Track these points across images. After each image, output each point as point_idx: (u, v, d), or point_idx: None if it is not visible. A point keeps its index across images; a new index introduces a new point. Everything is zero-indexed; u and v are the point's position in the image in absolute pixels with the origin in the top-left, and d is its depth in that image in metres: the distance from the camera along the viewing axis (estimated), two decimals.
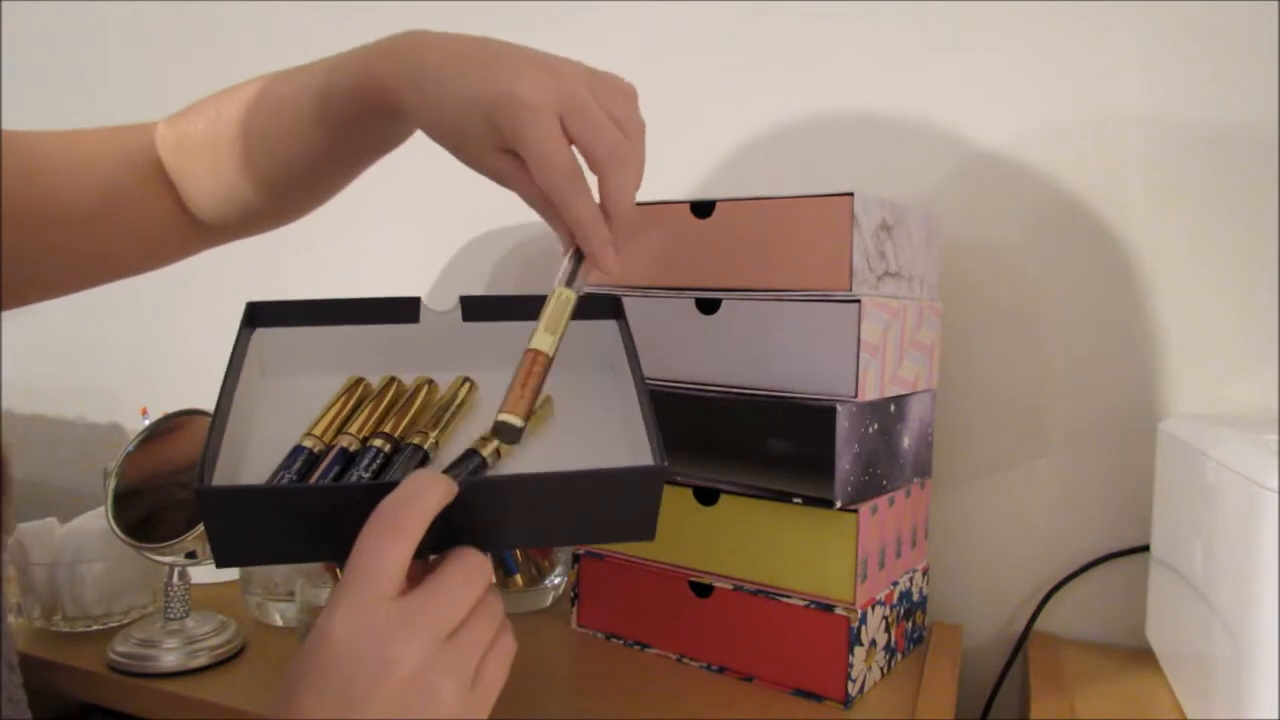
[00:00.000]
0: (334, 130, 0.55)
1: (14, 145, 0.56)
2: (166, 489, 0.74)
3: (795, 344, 0.64)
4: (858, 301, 0.62)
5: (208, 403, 0.75)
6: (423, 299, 0.56)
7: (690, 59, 0.93)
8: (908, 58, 0.84)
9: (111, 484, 0.72)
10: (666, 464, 0.45)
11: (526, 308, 0.56)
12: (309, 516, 0.43)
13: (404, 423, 0.51)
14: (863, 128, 0.86)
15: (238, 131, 0.58)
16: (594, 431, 0.53)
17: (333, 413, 0.51)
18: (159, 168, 0.62)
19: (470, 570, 0.42)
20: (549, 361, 0.47)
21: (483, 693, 0.42)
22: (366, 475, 0.47)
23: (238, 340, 0.52)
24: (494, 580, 0.44)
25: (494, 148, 0.48)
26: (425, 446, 0.49)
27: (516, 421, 0.45)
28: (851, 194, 0.62)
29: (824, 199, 0.63)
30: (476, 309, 0.57)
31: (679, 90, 0.93)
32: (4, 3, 1.35)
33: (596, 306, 0.56)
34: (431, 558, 0.44)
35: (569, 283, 0.49)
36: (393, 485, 0.41)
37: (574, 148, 0.48)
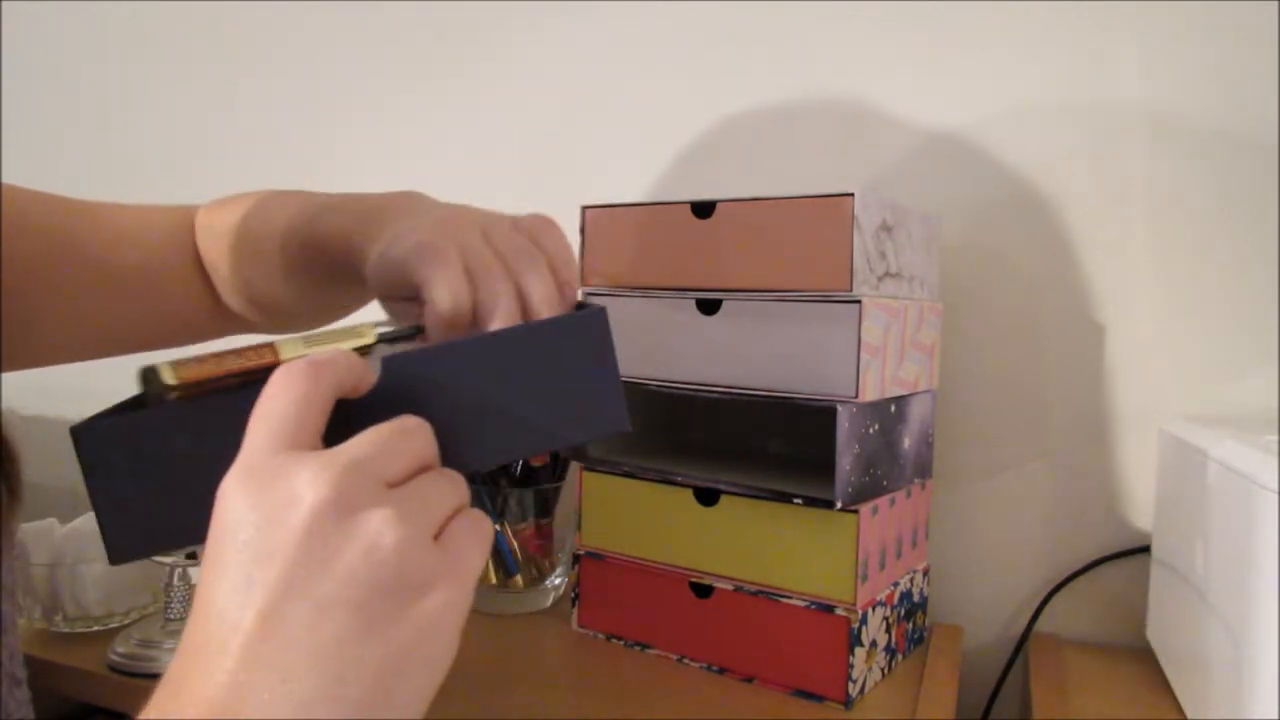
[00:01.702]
0: (299, 274, 0.56)
1: (67, 209, 0.58)
2: None
3: (796, 344, 0.64)
4: (858, 302, 0.62)
5: None
6: None
7: (691, 59, 0.93)
8: (909, 59, 0.84)
9: None
10: (604, 308, 0.40)
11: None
12: (207, 451, 0.34)
13: None
14: (864, 128, 0.86)
15: (234, 243, 0.60)
16: None
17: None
18: (196, 250, 0.64)
19: (405, 426, 0.33)
20: (269, 368, 0.34)
21: (455, 556, 0.32)
22: None
23: None
24: (437, 451, 0.35)
25: (399, 296, 0.46)
26: None
27: (164, 374, 0.36)
28: (852, 194, 0.62)
29: (825, 199, 0.63)
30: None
31: (680, 90, 0.93)
32: (4, 3, 1.35)
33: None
34: None
35: (389, 338, 0.42)
36: None
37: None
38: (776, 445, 0.85)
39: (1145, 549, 0.75)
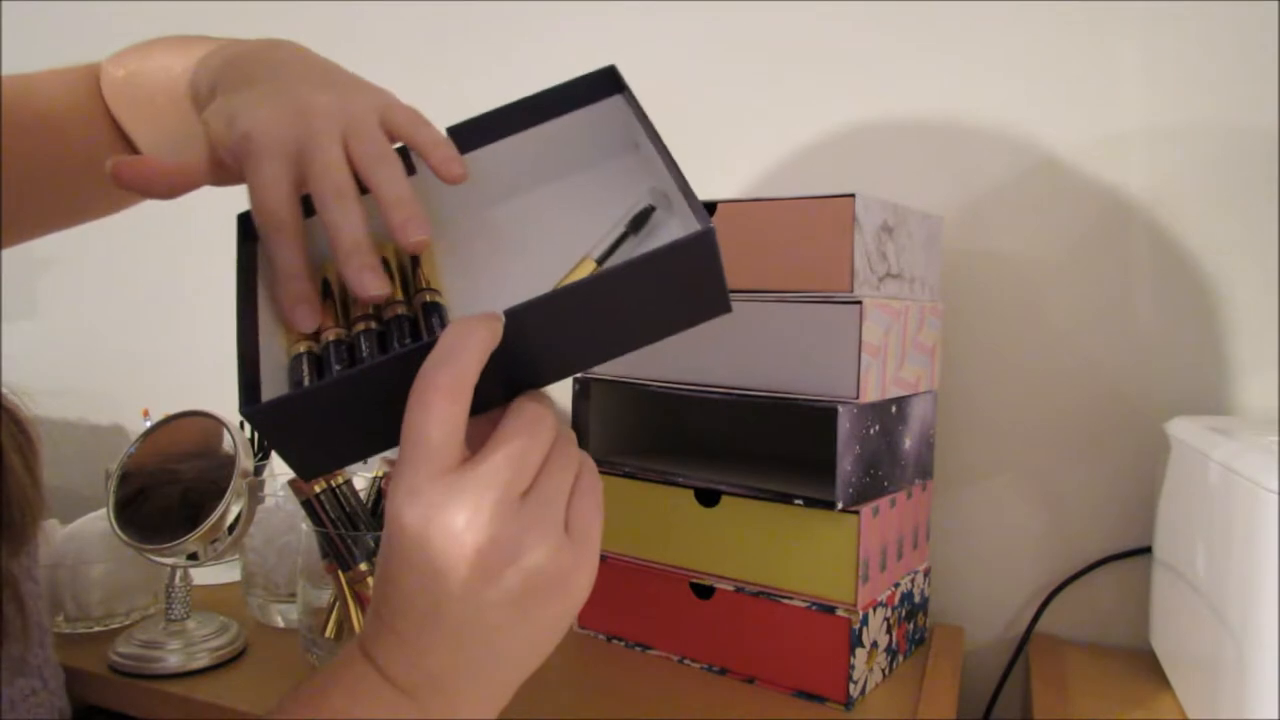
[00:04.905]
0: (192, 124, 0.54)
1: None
2: (168, 490, 0.74)
3: (796, 345, 0.64)
4: (859, 303, 0.62)
5: (209, 403, 0.76)
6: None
7: (693, 60, 0.93)
8: (910, 61, 0.84)
9: (113, 485, 0.72)
10: (711, 226, 0.41)
11: (512, 118, 0.51)
12: (360, 405, 0.40)
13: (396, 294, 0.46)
14: (865, 130, 0.86)
15: (134, 96, 0.60)
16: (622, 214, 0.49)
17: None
18: (103, 101, 0.63)
19: (533, 420, 0.38)
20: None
21: (582, 538, 0.38)
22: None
23: (241, 254, 0.48)
24: (559, 422, 0.40)
25: (212, 145, 0.44)
26: (439, 302, 0.45)
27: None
28: (853, 195, 0.62)
29: (826, 200, 0.63)
30: (464, 137, 0.51)
31: (681, 91, 0.93)
32: (4, 3, 1.35)
33: (591, 87, 0.51)
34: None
35: (600, 258, 0.46)
36: (432, 344, 0.37)
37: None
38: (777, 445, 0.85)
39: (1146, 550, 0.75)
